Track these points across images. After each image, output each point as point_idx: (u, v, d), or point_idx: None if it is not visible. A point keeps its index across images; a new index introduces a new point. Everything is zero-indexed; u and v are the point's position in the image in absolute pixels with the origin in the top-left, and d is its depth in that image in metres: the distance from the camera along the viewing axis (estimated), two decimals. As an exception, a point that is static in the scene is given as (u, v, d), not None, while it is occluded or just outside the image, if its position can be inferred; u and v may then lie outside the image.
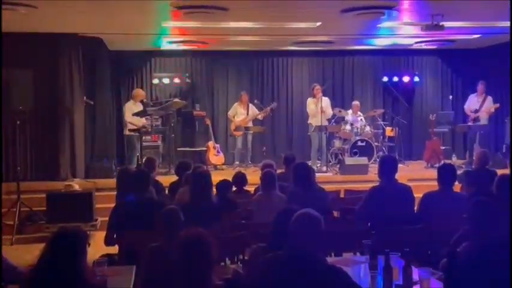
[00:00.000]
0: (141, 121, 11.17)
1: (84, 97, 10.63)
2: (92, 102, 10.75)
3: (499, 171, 6.19)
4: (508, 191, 4.63)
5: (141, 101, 11.80)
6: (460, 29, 10.35)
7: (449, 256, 3.55)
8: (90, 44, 10.68)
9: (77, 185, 9.28)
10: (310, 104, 11.78)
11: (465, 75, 13.60)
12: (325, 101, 11.73)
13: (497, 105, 11.76)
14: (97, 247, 5.35)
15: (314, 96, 11.69)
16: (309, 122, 11.96)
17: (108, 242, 5.31)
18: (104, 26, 9.65)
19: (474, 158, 8.09)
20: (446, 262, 3.60)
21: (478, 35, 11.28)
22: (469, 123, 11.85)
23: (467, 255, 3.52)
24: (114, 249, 5.28)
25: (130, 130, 11.05)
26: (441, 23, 8.83)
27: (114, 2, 7.83)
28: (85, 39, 10.48)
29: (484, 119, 11.74)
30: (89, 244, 3.21)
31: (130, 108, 11.33)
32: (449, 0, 8.07)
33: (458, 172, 6.08)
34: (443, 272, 3.72)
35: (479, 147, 10.89)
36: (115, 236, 5.28)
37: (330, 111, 11.83)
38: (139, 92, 11.72)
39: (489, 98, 11.78)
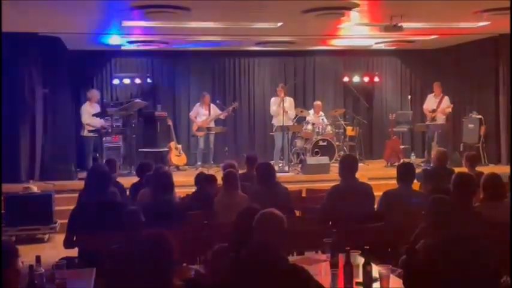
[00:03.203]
0: (99, 122, 11.04)
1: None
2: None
3: (456, 170, 6.33)
4: (464, 188, 4.75)
5: (101, 102, 11.62)
6: (418, 30, 10.52)
7: (408, 253, 3.61)
8: (48, 43, 10.46)
9: (35, 187, 9.09)
10: (273, 104, 11.85)
11: (423, 76, 13.82)
12: (289, 102, 11.81)
13: (451, 105, 12.00)
14: (56, 250, 5.25)
15: (278, 95, 11.77)
16: (272, 122, 12.01)
17: (67, 244, 5.20)
18: (62, 24, 9.47)
19: (432, 156, 8.24)
20: (405, 259, 3.67)
21: (436, 36, 11.49)
22: (427, 123, 12.09)
23: (425, 252, 3.58)
24: (74, 252, 5.19)
25: (89, 131, 10.92)
26: (400, 24, 8.97)
27: (73, 2, 7.69)
28: (43, 39, 10.27)
29: (441, 119, 11.99)
30: (19, 255, 3.11)
31: (87, 110, 11.19)
32: (408, 1, 8.21)
33: (417, 170, 6.20)
34: (402, 269, 3.78)
35: (437, 146, 11.10)
36: (75, 238, 5.20)
37: (293, 112, 11.91)
38: (94, 93, 11.57)
39: (446, 98, 12.02)
